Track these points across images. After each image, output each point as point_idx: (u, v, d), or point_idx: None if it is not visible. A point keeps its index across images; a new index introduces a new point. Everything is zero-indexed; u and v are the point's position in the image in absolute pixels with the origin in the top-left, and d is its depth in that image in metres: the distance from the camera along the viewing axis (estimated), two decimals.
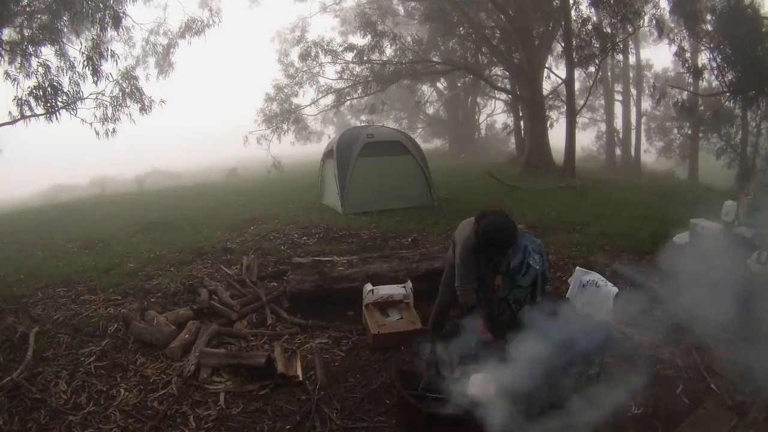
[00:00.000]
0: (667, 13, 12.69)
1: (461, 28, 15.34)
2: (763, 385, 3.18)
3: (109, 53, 8.68)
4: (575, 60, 12.35)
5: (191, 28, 13.44)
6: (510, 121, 20.26)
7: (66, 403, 3.06)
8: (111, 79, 8.95)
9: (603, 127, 22.66)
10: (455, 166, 15.70)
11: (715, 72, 13.00)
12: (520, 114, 17.25)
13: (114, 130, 9.22)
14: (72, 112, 8.47)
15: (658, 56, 20.48)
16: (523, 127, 17.16)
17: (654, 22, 12.55)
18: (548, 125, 15.50)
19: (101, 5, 8.28)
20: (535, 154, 13.64)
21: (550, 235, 6.30)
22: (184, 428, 2.87)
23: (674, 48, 13.00)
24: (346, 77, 15.69)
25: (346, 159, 7.99)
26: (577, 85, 13.58)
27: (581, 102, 13.91)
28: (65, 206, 11.34)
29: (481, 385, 2.71)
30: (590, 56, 12.20)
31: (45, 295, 4.66)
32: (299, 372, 3.33)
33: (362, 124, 15.18)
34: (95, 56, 8.48)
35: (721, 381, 3.30)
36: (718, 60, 12.56)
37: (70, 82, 8.39)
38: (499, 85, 18.22)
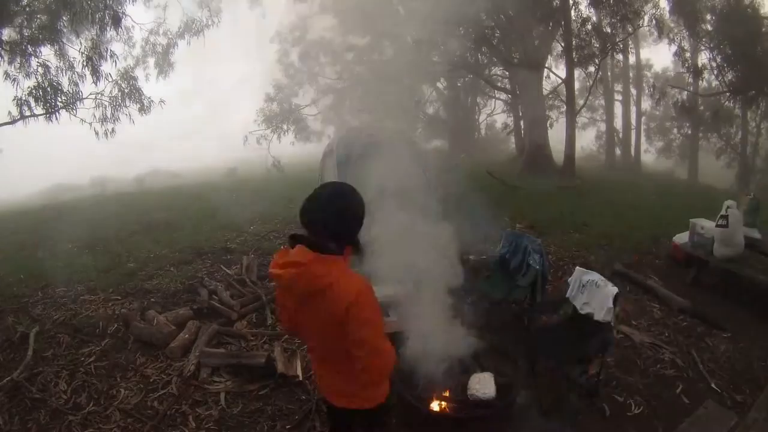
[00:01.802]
0: (667, 13, 12.69)
1: (461, 28, 15.32)
2: (763, 385, 3.19)
3: (108, 53, 8.67)
4: (575, 60, 12.34)
5: (191, 28, 13.43)
6: (510, 121, 20.25)
7: (66, 403, 3.06)
8: (110, 79, 8.95)
9: (603, 126, 22.64)
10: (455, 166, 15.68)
11: (715, 72, 13.00)
12: (520, 114, 17.24)
13: (113, 130, 9.22)
14: (72, 112, 8.47)
15: (658, 56, 20.42)
16: (523, 127, 17.16)
17: (654, 22, 12.54)
18: (548, 125, 15.48)
19: (101, 5, 8.27)
20: (535, 154, 13.64)
21: (550, 235, 6.30)
22: (184, 428, 2.87)
23: (674, 48, 13.01)
24: (346, 77, 15.68)
25: (346, 159, 7.97)
26: (577, 85, 13.56)
27: (581, 102, 13.90)
28: (65, 206, 11.33)
29: (481, 384, 2.72)
30: (590, 56, 12.19)
31: (45, 295, 4.66)
32: (299, 372, 3.33)
33: (362, 124, 15.15)
34: (95, 56, 8.47)
35: (721, 381, 3.30)
36: (718, 60, 12.56)
37: (69, 82, 8.38)
38: (499, 85, 18.22)
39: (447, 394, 2.74)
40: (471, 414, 2.61)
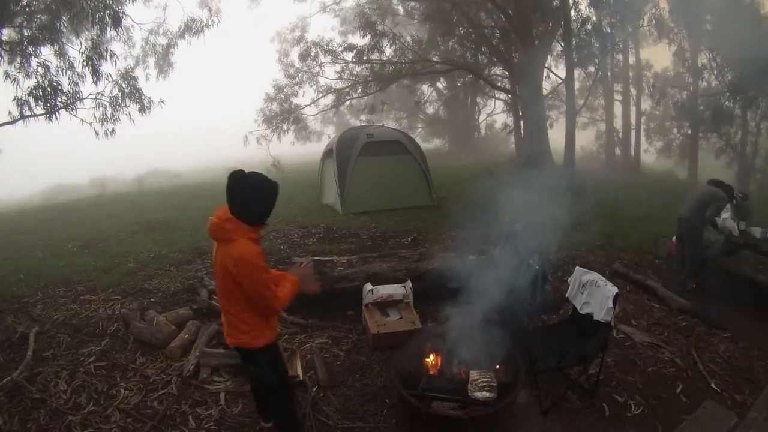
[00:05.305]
0: (667, 13, 12.69)
1: (461, 28, 15.32)
2: (763, 385, 3.19)
3: (108, 53, 8.65)
4: (575, 60, 12.34)
5: (191, 29, 13.40)
6: (510, 121, 20.24)
7: (66, 403, 3.06)
8: (110, 79, 8.93)
9: (603, 126, 22.62)
10: (455, 166, 15.69)
11: (715, 72, 13.01)
12: (520, 114, 17.24)
13: (113, 130, 9.18)
14: (72, 112, 8.44)
15: (658, 56, 20.39)
16: (522, 127, 17.16)
17: (654, 22, 12.55)
18: (548, 125, 15.48)
19: (101, 5, 8.25)
20: (535, 153, 13.63)
21: (550, 234, 6.29)
22: (184, 428, 2.87)
23: (674, 48, 13.02)
24: (345, 77, 15.67)
25: (345, 159, 7.98)
26: (576, 85, 13.56)
27: (581, 102, 13.90)
28: (65, 206, 11.33)
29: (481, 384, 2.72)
30: (590, 56, 12.20)
31: (45, 295, 4.66)
32: (299, 372, 3.33)
33: (362, 124, 15.16)
34: (95, 56, 8.45)
35: (721, 381, 3.30)
36: (718, 60, 12.56)
37: (69, 82, 8.35)
38: (499, 85, 18.22)
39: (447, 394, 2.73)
40: (471, 414, 2.61)
